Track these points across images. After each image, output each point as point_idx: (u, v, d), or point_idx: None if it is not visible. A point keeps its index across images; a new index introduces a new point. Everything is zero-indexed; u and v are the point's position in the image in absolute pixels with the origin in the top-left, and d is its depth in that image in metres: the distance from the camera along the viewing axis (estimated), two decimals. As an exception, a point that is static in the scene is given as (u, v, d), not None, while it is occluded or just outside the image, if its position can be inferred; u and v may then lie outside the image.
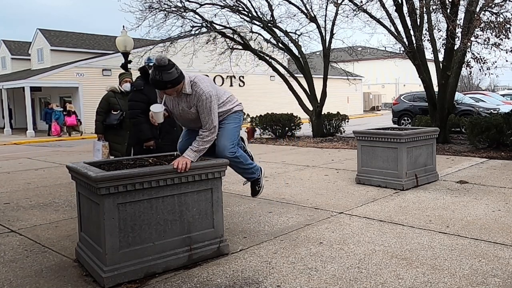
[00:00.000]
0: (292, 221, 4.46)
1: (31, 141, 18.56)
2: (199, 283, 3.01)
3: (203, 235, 3.37)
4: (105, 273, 2.94)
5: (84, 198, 3.31)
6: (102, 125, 6.05)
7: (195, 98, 3.42)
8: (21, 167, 9.39)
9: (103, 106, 6.07)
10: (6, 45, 30.24)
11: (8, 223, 4.74)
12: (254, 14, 14.26)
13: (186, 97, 3.46)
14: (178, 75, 3.28)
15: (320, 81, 14.73)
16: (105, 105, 6.06)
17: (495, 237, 3.76)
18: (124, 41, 15.11)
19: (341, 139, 13.06)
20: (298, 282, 2.98)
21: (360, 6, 11.44)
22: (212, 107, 3.42)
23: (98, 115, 6.10)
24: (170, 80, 3.24)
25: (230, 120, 3.75)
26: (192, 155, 3.34)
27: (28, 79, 22.06)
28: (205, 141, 3.44)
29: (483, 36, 10.47)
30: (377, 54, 33.44)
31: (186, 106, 3.49)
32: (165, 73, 3.21)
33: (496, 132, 9.12)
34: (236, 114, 3.83)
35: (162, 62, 3.23)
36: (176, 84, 3.29)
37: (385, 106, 45.09)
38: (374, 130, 6.21)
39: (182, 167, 3.21)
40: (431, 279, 2.96)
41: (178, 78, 3.28)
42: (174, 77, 3.25)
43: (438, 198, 5.27)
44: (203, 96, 3.38)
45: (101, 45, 28.17)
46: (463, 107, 15.31)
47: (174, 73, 3.25)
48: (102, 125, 6.05)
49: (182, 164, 3.22)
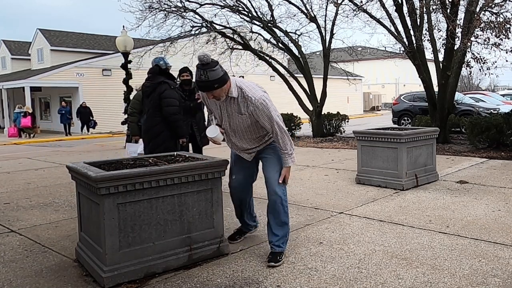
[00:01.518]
0: (292, 221, 4.45)
1: (31, 141, 18.56)
2: (199, 283, 3.01)
3: (203, 235, 3.37)
4: (105, 273, 2.94)
5: (84, 198, 3.31)
6: (137, 126, 5.75)
7: (246, 104, 3.17)
8: (21, 167, 9.39)
9: (135, 106, 5.79)
10: (6, 45, 30.25)
11: (8, 223, 4.74)
12: (254, 14, 14.26)
13: (234, 101, 3.20)
14: (224, 73, 3.04)
15: (320, 81, 14.72)
16: (138, 105, 5.74)
17: (495, 237, 3.76)
18: (124, 41, 15.13)
19: (341, 139, 13.06)
20: (298, 282, 2.98)
21: (360, 6, 11.43)
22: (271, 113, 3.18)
23: (132, 116, 5.84)
24: (217, 78, 2.99)
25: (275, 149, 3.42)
26: (290, 160, 3.34)
27: (28, 79, 22.08)
28: (284, 140, 3.28)
29: (483, 36, 10.47)
30: (377, 54, 33.42)
31: (237, 111, 3.22)
32: (211, 71, 2.97)
33: (496, 132, 9.12)
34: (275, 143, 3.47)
35: (206, 59, 2.98)
36: (223, 84, 3.05)
37: (385, 106, 45.08)
38: (374, 130, 6.21)
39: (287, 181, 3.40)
40: (431, 279, 2.96)
41: (224, 77, 3.04)
42: (219, 75, 3.00)
43: (438, 198, 5.27)
44: (257, 103, 3.13)
45: (101, 45, 28.18)
46: (463, 107, 15.31)
47: (219, 71, 3.01)
48: (137, 126, 5.75)
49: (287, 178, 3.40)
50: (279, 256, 3.33)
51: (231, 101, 3.19)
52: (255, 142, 3.44)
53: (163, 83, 4.94)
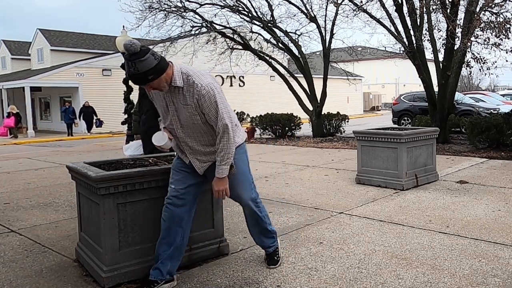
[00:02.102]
0: (292, 221, 4.46)
1: (31, 141, 18.56)
2: (199, 283, 3.01)
3: (203, 235, 3.37)
4: (105, 273, 2.94)
5: (84, 198, 3.31)
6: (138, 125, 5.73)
7: (191, 93, 2.72)
8: (21, 167, 9.39)
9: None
10: (6, 45, 30.24)
11: (8, 223, 4.74)
12: (254, 14, 14.27)
13: (179, 91, 2.75)
14: (158, 61, 2.61)
15: (320, 81, 14.73)
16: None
17: (495, 237, 3.76)
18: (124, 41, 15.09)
19: (341, 139, 13.06)
20: (298, 282, 2.98)
21: (360, 6, 11.44)
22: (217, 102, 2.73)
23: (136, 115, 5.88)
24: (149, 69, 2.57)
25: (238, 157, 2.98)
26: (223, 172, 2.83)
27: (28, 79, 22.07)
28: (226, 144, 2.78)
29: (483, 36, 10.48)
30: (377, 54, 33.43)
31: (182, 102, 2.77)
32: (140, 62, 2.56)
33: (496, 132, 9.12)
34: (242, 148, 3.08)
35: (133, 49, 2.54)
36: (160, 73, 2.63)
37: (385, 106, 45.08)
38: (374, 130, 6.21)
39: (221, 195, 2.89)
40: (431, 279, 2.96)
41: (159, 66, 2.62)
42: (152, 64, 2.58)
43: (438, 198, 5.27)
44: (202, 90, 2.69)
45: (101, 45, 28.18)
46: (463, 107, 15.31)
47: (151, 60, 2.58)
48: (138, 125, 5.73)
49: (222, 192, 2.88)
50: (276, 255, 3.29)
51: (176, 91, 2.76)
52: (211, 147, 2.92)
53: None
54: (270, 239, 3.27)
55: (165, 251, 2.94)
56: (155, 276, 2.92)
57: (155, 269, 2.94)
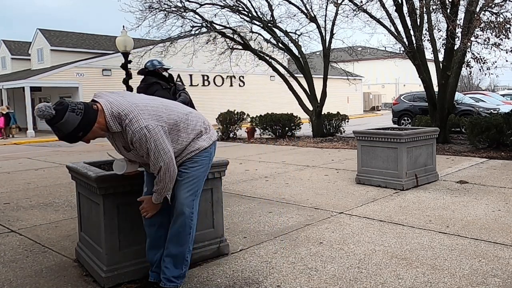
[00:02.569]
0: (292, 221, 4.46)
1: (31, 141, 18.56)
2: (199, 283, 3.01)
3: (203, 235, 3.37)
4: (105, 273, 2.94)
5: (84, 198, 3.31)
6: None
7: (127, 137, 2.53)
8: (21, 167, 9.39)
9: None
10: (6, 45, 30.23)
11: (8, 223, 4.74)
12: (254, 14, 14.27)
13: (118, 135, 2.58)
14: (82, 116, 2.39)
15: (320, 81, 14.73)
16: None
17: (495, 237, 3.76)
18: (124, 41, 15.11)
19: (341, 139, 13.06)
20: (298, 282, 2.98)
21: (360, 6, 11.44)
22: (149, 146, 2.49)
23: None
24: (75, 128, 2.38)
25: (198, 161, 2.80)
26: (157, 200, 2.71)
27: (28, 79, 22.07)
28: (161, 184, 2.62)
29: (483, 36, 10.48)
30: (377, 54, 33.46)
31: (123, 145, 2.63)
32: (61, 124, 2.36)
33: (496, 132, 9.12)
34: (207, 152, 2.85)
35: (47, 114, 2.32)
36: (88, 127, 2.42)
37: (385, 106, 45.09)
38: (374, 130, 6.21)
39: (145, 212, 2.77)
40: (431, 279, 2.96)
41: (84, 120, 2.40)
42: (76, 122, 2.37)
43: (438, 198, 5.27)
44: (134, 138, 2.48)
45: (101, 45, 28.18)
46: (463, 107, 15.31)
47: (73, 118, 2.36)
48: None
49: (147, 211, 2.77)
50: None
51: (116, 134, 2.58)
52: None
53: (155, 83, 4.97)
54: (177, 270, 2.80)
55: (157, 255, 2.88)
56: (155, 278, 2.91)
57: (153, 273, 2.91)
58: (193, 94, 6.63)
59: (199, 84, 27.29)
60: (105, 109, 2.48)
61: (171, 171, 2.59)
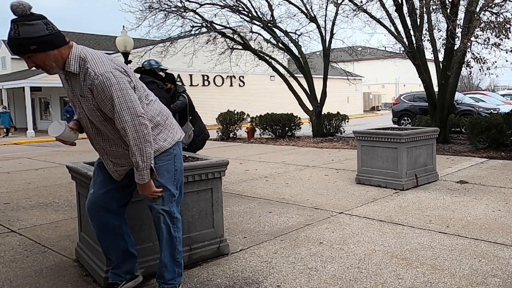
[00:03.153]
0: (292, 221, 4.46)
1: (31, 141, 18.56)
2: (199, 283, 3.01)
3: (203, 235, 3.37)
4: (105, 273, 2.94)
5: (84, 198, 3.30)
6: None
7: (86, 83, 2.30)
8: (21, 167, 9.39)
9: None
10: (6, 45, 30.23)
11: (8, 223, 4.74)
12: (254, 14, 14.27)
13: (76, 79, 2.34)
14: (50, 33, 2.17)
15: (320, 81, 14.73)
16: None
17: (495, 237, 3.76)
18: (124, 41, 15.11)
19: (341, 139, 13.06)
20: (298, 282, 2.98)
21: (360, 6, 11.44)
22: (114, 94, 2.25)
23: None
24: (34, 37, 2.13)
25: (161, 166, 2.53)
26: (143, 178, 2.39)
27: (28, 79, 22.05)
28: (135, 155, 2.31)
29: (483, 36, 10.49)
30: (377, 54, 33.43)
31: (80, 93, 2.37)
32: (25, 25, 2.12)
33: (496, 132, 9.12)
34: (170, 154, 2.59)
35: (20, 10, 2.11)
36: (47, 47, 2.18)
37: (385, 106, 45.08)
38: (374, 130, 6.21)
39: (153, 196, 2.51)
40: (431, 279, 2.96)
41: (49, 37, 2.17)
42: (40, 33, 2.14)
43: (438, 198, 5.27)
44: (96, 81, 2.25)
45: (101, 45, 28.16)
46: (463, 107, 15.31)
47: (41, 28, 2.15)
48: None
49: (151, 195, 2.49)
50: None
51: (73, 77, 2.36)
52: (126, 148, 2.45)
53: (151, 82, 4.98)
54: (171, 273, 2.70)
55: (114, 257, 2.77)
56: (113, 278, 2.77)
57: (112, 273, 2.79)
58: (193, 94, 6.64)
59: (199, 84, 27.28)
60: (74, 48, 2.32)
61: (142, 128, 2.29)
